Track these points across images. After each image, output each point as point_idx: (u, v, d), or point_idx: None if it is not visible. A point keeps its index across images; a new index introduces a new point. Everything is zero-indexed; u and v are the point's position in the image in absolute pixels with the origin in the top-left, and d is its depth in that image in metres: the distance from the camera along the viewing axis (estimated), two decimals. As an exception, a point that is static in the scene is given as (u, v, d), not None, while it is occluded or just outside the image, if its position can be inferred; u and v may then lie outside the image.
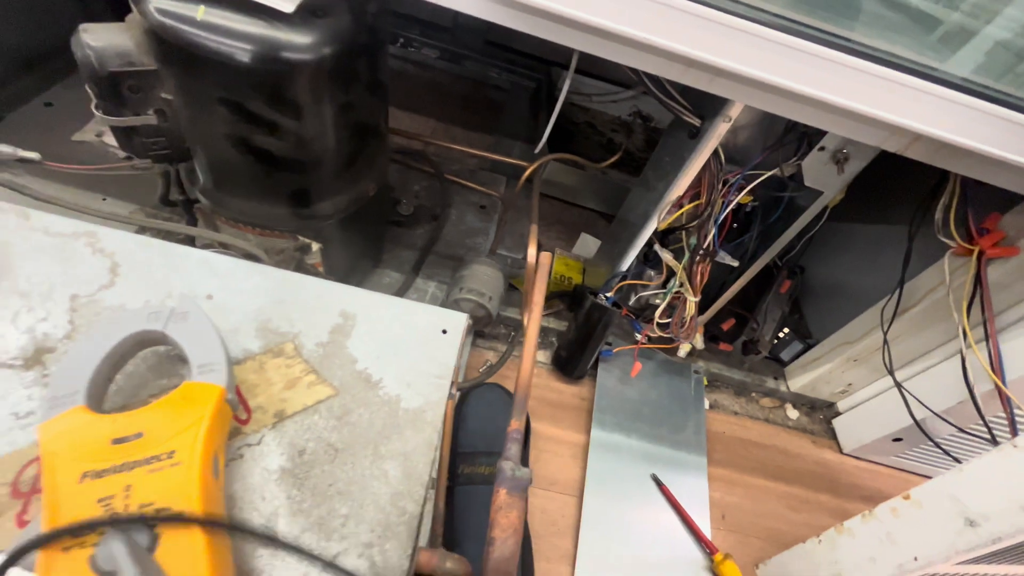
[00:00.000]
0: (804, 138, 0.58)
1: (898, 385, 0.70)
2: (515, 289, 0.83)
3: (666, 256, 0.68)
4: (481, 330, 0.80)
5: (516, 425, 0.31)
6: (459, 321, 0.34)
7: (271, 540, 0.20)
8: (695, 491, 0.71)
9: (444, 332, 0.33)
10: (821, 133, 0.55)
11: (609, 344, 0.82)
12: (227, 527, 0.19)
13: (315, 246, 0.58)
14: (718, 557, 0.63)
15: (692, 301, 0.70)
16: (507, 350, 0.76)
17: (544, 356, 0.82)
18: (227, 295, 0.31)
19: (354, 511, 0.25)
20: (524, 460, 0.66)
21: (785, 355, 0.89)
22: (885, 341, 0.69)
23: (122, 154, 0.49)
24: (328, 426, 0.27)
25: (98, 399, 0.22)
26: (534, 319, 0.38)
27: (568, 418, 0.75)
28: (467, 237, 0.90)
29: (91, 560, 0.18)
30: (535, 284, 0.42)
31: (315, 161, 0.48)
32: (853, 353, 0.76)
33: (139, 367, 0.27)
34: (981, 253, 0.57)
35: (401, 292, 0.78)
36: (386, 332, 0.32)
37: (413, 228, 0.89)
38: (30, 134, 0.75)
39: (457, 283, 0.73)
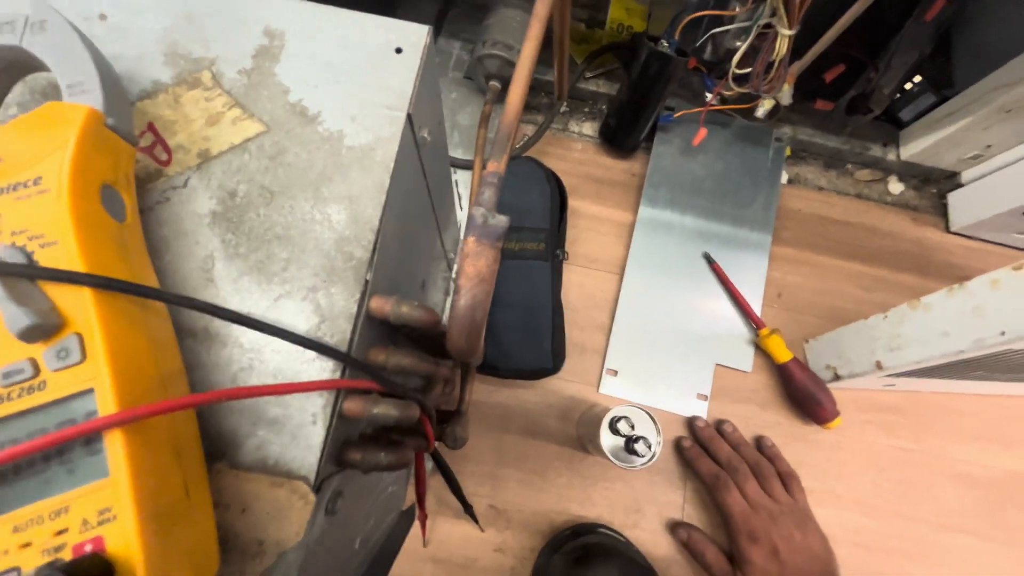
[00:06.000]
0: None
1: (1062, 139, 0.53)
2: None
3: (756, -35, 0.49)
4: (516, 98, 0.69)
5: (492, 167, 0.25)
6: (418, 36, 0.25)
7: (154, 292, 0.18)
8: (752, 269, 0.65)
9: (398, 51, 0.25)
10: None
11: (670, 108, 0.68)
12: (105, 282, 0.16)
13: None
14: (764, 332, 0.60)
15: (785, 35, 0.53)
16: (545, 120, 0.66)
17: (591, 128, 0.71)
18: (124, 14, 0.25)
19: (295, 256, 0.22)
20: (561, 240, 0.62)
21: (907, 113, 0.70)
22: (1066, 76, 0.50)
23: None
24: (260, 167, 0.23)
25: (-40, 125, 0.19)
26: (532, 34, 0.28)
27: (615, 196, 0.69)
28: (499, -21, 0.72)
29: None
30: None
31: None
32: (1009, 100, 0.57)
33: (29, 101, 0.23)
34: None
35: (421, 56, 0.67)
36: (323, 53, 0.25)
37: (432, -28, 0.72)
38: None
39: (480, 36, 0.60)
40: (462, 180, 0.65)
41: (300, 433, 0.21)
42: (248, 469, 0.20)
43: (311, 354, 0.21)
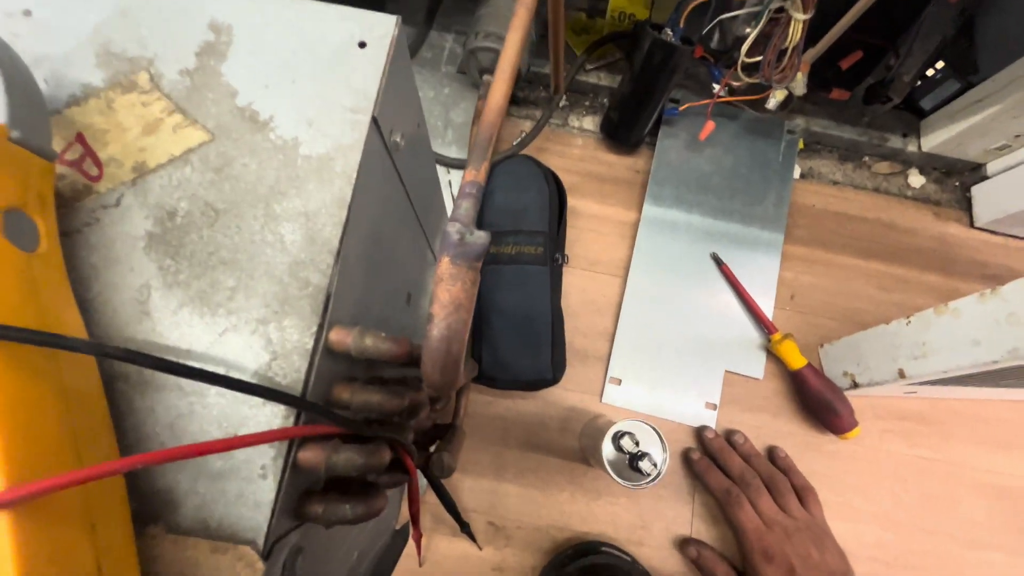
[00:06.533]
0: None
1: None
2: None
3: (767, -56, 0.45)
4: (513, 92, 0.66)
5: (470, 176, 0.22)
6: (384, 28, 0.22)
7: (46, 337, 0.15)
8: (763, 270, 0.62)
9: (362, 45, 0.22)
10: None
11: (675, 101, 0.65)
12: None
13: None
14: (776, 336, 0.57)
15: (799, 20, 0.49)
16: (543, 116, 0.63)
17: (592, 123, 0.68)
18: (51, 8, 0.22)
19: (243, 283, 0.20)
20: (560, 243, 0.59)
21: (928, 102, 0.66)
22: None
23: None
24: (204, 181, 0.20)
25: None
26: (517, 23, 0.25)
27: (618, 193, 0.65)
28: (494, -33, 0.68)
29: None
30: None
31: None
32: (1041, 86, 0.53)
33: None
34: None
35: (412, 51, 0.64)
36: (276, 49, 0.22)
37: (422, -40, 0.68)
38: None
39: (473, 27, 0.57)
40: (457, 180, 0.62)
41: (247, 490, 0.18)
42: (187, 533, 0.18)
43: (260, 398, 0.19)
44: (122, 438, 0.18)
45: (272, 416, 0.19)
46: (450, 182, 0.62)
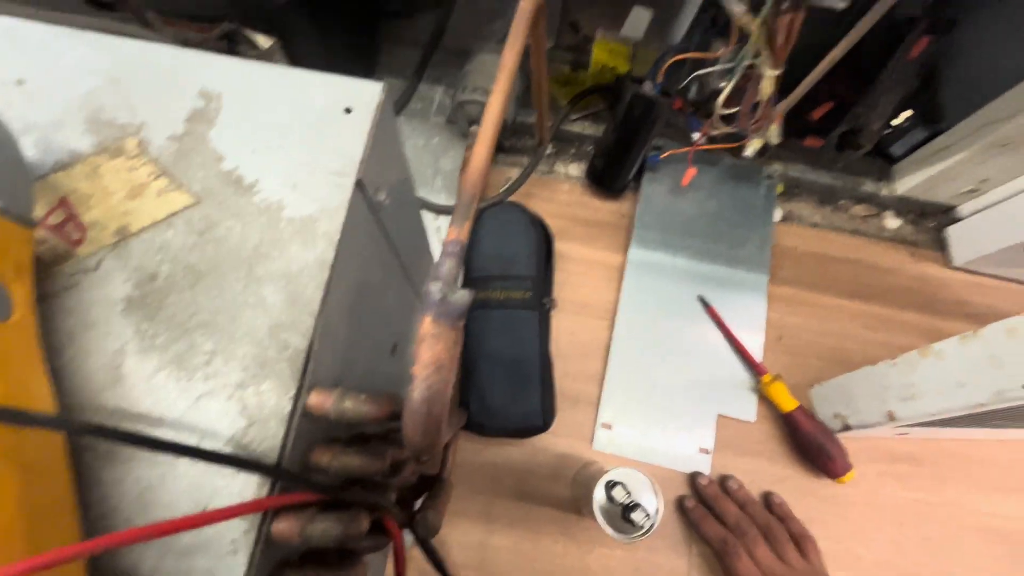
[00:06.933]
0: None
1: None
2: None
3: (737, 8, 0.48)
4: (500, 142, 0.68)
5: (453, 235, 0.22)
6: (370, 95, 0.23)
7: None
8: (750, 312, 0.62)
9: (348, 111, 0.23)
10: None
11: (657, 148, 0.67)
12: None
13: (264, 41, 0.46)
14: (766, 378, 0.57)
15: (770, 76, 0.51)
16: (529, 165, 0.65)
17: (577, 169, 0.70)
18: (44, 77, 0.22)
19: (222, 346, 0.19)
20: (547, 286, 0.60)
21: (898, 148, 0.69)
22: (1061, 110, 0.48)
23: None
24: (187, 244, 0.21)
25: None
26: (499, 88, 0.26)
27: (604, 237, 0.66)
28: (483, 23, 0.72)
29: None
30: (511, 33, 0.29)
31: None
32: (1002, 135, 0.56)
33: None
34: None
35: (402, 102, 0.66)
36: (264, 116, 0.23)
37: (413, 19, 0.72)
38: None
39: (461, 81, 0.59)
40: (445, 227, 0.63)
41: (217, 567, 0.17)
42: (150, 616, 0.17)
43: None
44: (87, 511, 0.17)
45: (245, 485, 0.18)
46: (439, 228, 0.63)
